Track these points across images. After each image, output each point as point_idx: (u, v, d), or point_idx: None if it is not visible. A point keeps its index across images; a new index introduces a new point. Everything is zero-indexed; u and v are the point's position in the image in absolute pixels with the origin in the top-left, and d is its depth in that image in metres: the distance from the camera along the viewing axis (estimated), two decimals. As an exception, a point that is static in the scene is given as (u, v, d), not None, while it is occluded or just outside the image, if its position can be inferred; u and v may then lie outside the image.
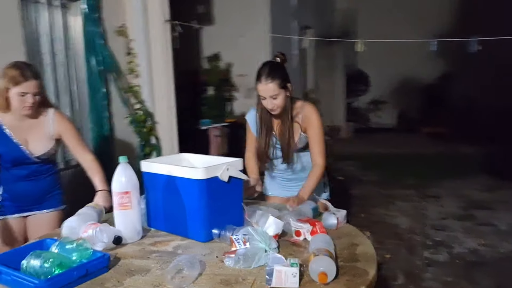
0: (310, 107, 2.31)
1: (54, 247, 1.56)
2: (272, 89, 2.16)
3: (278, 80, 2.16)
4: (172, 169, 1.82)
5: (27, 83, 2.04)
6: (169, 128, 4.23)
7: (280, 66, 2.26)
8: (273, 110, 2.24)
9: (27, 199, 2.25)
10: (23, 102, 2.06)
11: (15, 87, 2.03)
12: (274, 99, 2.19)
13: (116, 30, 3.95)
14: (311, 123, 2.28)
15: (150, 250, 1.72)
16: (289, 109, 2.26)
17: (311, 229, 1.76)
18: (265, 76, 2.17)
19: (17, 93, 2.04)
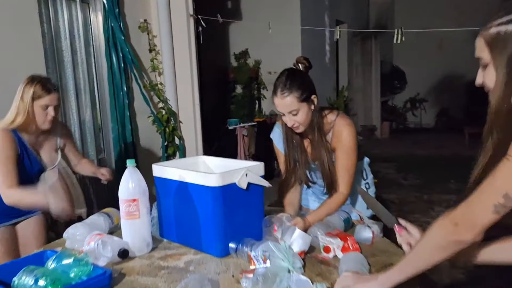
0: (343, 121, 1.88)
1: (51, 262, 1.39)
2: (290, 103, 1.76)
3: (297, 92, 1.76)
4: (184, 174, 1.63)
5: (50, 96, 2.04)
6: (193, 128, 4.08)
7: (301, 75, 1.84)
8: (295, 128, 1.85)
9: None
10: (45, 115, 2.05)
11: (37, 100, 2.02)
12: (294, 115, 1.79)
13: (138, 26, 3.82)
14: (341, 141, 1.87)
15: (160, 265, 1.54)
16: (316, 125, 1.85)
17: (342, 244, 1.53)
18: (281, 88, 1.77)
19: (39, 106, 2.03)
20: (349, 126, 1.88)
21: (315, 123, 1.85)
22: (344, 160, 1.87)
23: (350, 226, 1.80)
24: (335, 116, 1.90)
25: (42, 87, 2.02)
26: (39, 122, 2.06)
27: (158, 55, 3.95)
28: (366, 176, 2.15)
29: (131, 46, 3.71)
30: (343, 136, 1.86)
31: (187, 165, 1.80)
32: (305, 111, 1.80)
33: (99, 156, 3.65)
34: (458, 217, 1.05)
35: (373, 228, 1.67)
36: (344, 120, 1.88)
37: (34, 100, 2.01)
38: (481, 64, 1.06)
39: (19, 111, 2.00)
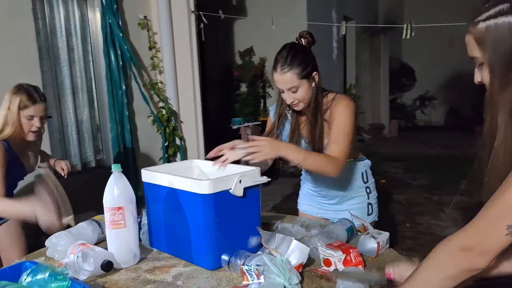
0: (341, 99, 1.76)
1: (25, 276, 1.29)
2: (290, 79, 1.68)
3: (298, 68, 1.67)
4: (174, 180, 1.51)
5: (35, 106, 2.01)
6: (194, 127, 3.98)
7: (304, 50, 1.74)
8: (294, 106, 1.76)
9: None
10: (30, 126, 2.02)
11: (23, 110, 1.99)
12: (294, 92, 1.71)
13: (138, 22, 3.72)
14: (337, 114, 1.73)
15: (146, 279, 1.42)
16: (314, 104, 1.74)
17: (344, 257, 1.40)
18: (281, 63, 1.69)
19: (24, 117, 2.00)
20: (347, 102, 1.75)
21: (313, 101, 1.74)
22: (336, 135, 1.70)
23: (354, 236, 1.67)
24: (334, 94, 1.80)
25: (28, 97, 1.99)
26: (25, 133, 2.03)
27: (159, 53, 3.85)
28: (366, 180, 2.00)
29: (130, 43, 3.61)
30: (338, 110, 1.73)
31: (179, 170, 1.69)
32: (306, 88, 1.71)
33: (97, 157, 3.56)
34: (468, 243, 0.92)
35: (378, 239, 1.54)
36: (343, 98, 1.77)
37: (19, 110, 1.98)
38: (476, 63, 0.94)
39: (7, 121, 1.97)
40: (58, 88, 3.23)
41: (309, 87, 1.72)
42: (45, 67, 3.10)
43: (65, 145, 3.31)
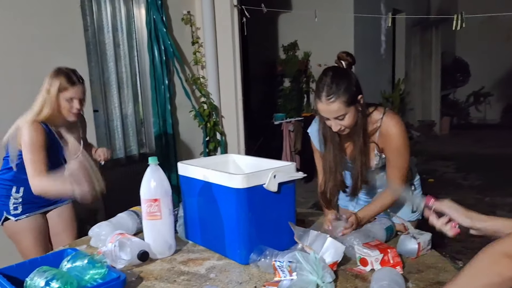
0: (389, 120, 1.71)
1: (66, 262, 1.33)
2: (337, 109, 1.59)
3: (344, 97, 1.58)
4: (208, 174, 1.51)
5: (74, 88, 2.04)
6: (235, 123, 3.98)
7: (346, 75, 1.64)
8: (341, 132, 1.68)
9: None
10: (70, 108, 2.05)
11: (63, 92, 2.02)
12: (341, 120, 1.63)
13: (181, 17, 3.76)
14: (389, 141, 1.70)
15: (180, 270, 1.44)
16: (360, 127, 1.69)
17: (382, 257, 1.34)
18: (326, 92, 1.58)
19: (65, 99, 2.03)
20: (398, 124, 1.70)
21: (359, 124, 1.68)
22: (395, 160, 1.73)
23: (393, 236, 1.60)
24: (381, 114, 1.72)
25: (67, 80, 2.01)
26: (65, 114, 2.06)
27: (201, 48, 3.87)
28: (411, 176, 1.93)
29: (173, 38, 3.66)
30: (392, 136, 1.70)
31: (215, 164, 1.69)
32: (352, 114, 1.63)
33: (141, 150, 3.65)
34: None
35: (419, 239, 1.46)
36: (392, 119, 1.71)
37: (59, 92, 2.01)
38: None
39: (46, 103, 2.01)
40: (105, 83, 3.33)
41: (355, 112, 1.64)
42: (92, 63, 3.20)
43: (110, 138, 3.41)
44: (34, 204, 2.16)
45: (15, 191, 2.12)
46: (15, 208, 2.12)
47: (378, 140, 1.73)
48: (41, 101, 2.01)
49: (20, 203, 2.12)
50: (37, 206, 2.18)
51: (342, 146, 1.79)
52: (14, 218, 2.12)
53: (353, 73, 1.68)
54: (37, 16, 2.75)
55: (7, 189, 2.12)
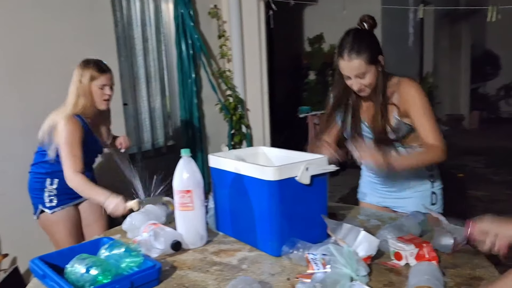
0: (408, 82, 1.74)
1: (103, 250, 1.37)
2: (358, 66, 1.65)
3: (365, 54, 1.64)
4: (240, 166, 1.51)
5: (105, 75, 2.12)
6: (261, 116, 3.98)
7: (368, 34, 1.72)
8: (361, 91, 1.73)
9: None
10: (102, 95, 2.13)
11: (94, 81, 2.10)
12: (361, 79, 1.68)
13: (208, 11, 3.78)
14: (412, 100, 1.70)
15: (212, 260, 1.45)
16: (381, 88, 1.72)
17: (417, 252, 1.32)
18: (348, 49, 1.65)
19: (97, 86, 2.10)
20: (416, 85, 1.75)
21: (379, 85, 1.72)
22: (423, 115, 1.70)
23: (427, 231, 1.57)
24: (398, 78, 1.77)
25: (97, 68, 2.10)
26: (98, 103, 2.14)
27: (227, 42, 3.88)
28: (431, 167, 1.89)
29: (200, 32, 3.68)
30: (412, 94, 1.72)
31: (245, 156, 1.70)
32: (373, 73, 1.69)
33: (168, 143, 3.69)
34: None
35: (455, 234, 1.43)
36: (409, 80, 1.76)
37: (91, 81, 2.09)
38: None
39: (79, 93, 2.08)
40: (134, 77, 3.38)
41: (376, 71, 1.69)
42: (122, 57, 3.25)
43: (139, 131, 3.46)
44: (67, 195, 2.22)
45: (49, 183, 2.18)
46: (50, 200, 2.18)
47: (399, 102, 1.74)
48: (75, 93, 2.08)
49: (54, 195, 2.19)
50: (70, 197, 2.24)
51: (358, 110, 1.84)
52: (50, 211, 2.19)
53: (374, 35, 1.73)
54: (70, 13, 2.81)
55: (41, 182, 2.19)
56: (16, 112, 2.58)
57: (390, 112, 1.76)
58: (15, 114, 2.57)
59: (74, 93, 2.08)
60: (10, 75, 2.56)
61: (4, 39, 2.52)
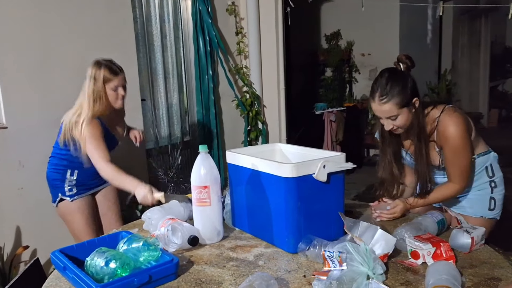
0: (447, 119, 1.69)
1: (122, 244, 1.39)
2: (389, 110, 1.64)
3: (396, 99, 1.62)
4: (257, 162, 1.52)
5: (117, 77, 2.15)
6: (277, 112, 3.98)
7: (403, 77, 1.66)
8: (394, 131, 1.73)
9: (98, 179, 2.30)
10: (117, 96, 2.17)
11: (108, 83, 2.13)
12: (393, 120, 1.67)
13: (226, 8, 3.78)
14: (446, 140, 1.69)
15: (229, 256, 1.47)
16: (420, 127, 1.70)
17: (434, 251, 1.32)
18: (380, 92, 1.63)
19: (111, 89, 2.15)
20: (456, 121, 1.68)
21: (416, 125, 1.70)
22: (453, 158, 1.71)
23: (444, 230, 1.57)
24: (439, 112, 1.71)
25: (109, 71, 2.13)
26: (112, 102, 2.17)
27: (245, 38, 3.89)
28: (492, 174, 1.87)
29: (218, 29, 3.69)
30: (449, 133, 1.68)
31: (262, 153, 1.71)
32: (406, 115, 1.66)
33: (184, 139, 3.72)
34: None
35: (472, 234, 1.43)
36: (449, 116, 1.69)
37: (104, 83, 2.12)
38: None
39: (95, 97, 2.12)
40: (152, 73, 3.41)
41: (409, 113, 1.67)
42: (141, 53, 3.28)
43: (156, 126, 3.49)
44: (86, 185, 2.30)
45: (70, 174, 2.24)
46: (70, 189, 2.25)
47: (437, 138, 1.72)
48: (92, 97, 2.11)
49: (74, 185, 2.26)
50: (88, 187, 2.32)
51: (399, 142, 1.83)
52: (70, 199, 2.25)
53: (410, 76, 1.69)
54: (91, 9, 2.84)
55: (62, 173, 2.25)
56: (34, 106, 2.62)
57: (432, 148, 1.76)
58: (33, 109, 2.61)
59: (90, 97, 2.11)
60: (31, 71, 2.60)
61: (26, 36, 2.56)
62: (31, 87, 2.60)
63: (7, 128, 2.51)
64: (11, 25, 2.50)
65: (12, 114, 2.53)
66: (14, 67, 2.53)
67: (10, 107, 2.53)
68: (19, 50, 2.54)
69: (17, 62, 2.54)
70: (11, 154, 2.54)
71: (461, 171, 1.72)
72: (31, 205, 2.60)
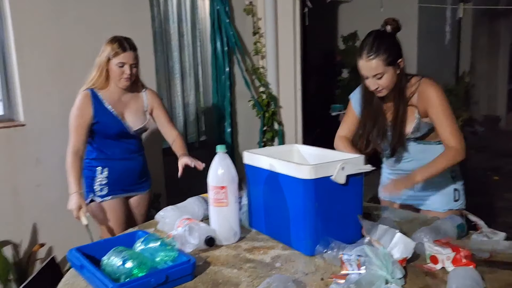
0: (427, 82, 1.78)
1: (139, 243, 1.40)
2: (375, 66, 1.69)
3: (383, 55, 1.68)
4: (275, 163, 1.52)
5: (125, 53, 2.09)
6: (293, 113, 3.97)
7: (389, 36, 1.75)
8: (378, 92, 1.77)
9: (130, 178, 2.28)
10: (121, 73, 2.10)
11: (114, 58, 2.08)
12: (378, 79, 1.72)
13: (243, 8, 3.79)
14: (430, 100, 1.75)
15: (246, 257, 1.46)
16: (401, 89, 1.77)
17: (453, 256, 1.30)
18: (367, 50, 1.69)
19: (116, 64, 2.08)
20: (436, 85, 1.78)
21: (398, 87, 1.77)
22: (444, 118, 1.75)
23: (464, 234, 1.54)
24: (418, 78, 1.81)
25: (118, 45, 2.08)
26: (115, 80, 2.11)
27: (262, 38, 3.88)
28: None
29: (235, 29, 3.69)
30: (431, 95, 1.75)
31: (280, 154, 1.69)
32: (390, 74, 1.72)
33: (200, 138, 3.73)
34: None
35: (492, 239, 1.40)
36: (429, 80, 1.79)
37: (111, 58, 2.08)
38: None
39: (96, 68, 2.09)
40: (169, 72, 3.43)
41: (394, 73, 1.73)
42: (158, 52, 3.30)
43: (173, 126, 3.51)
44: (119, 186, 2.24)
45: (100, 172, 2.20)
46: (101, 189, 2.20)
47: (418, 102, 1.78)
48: (95, 67, 2.10)
49: (105, 184, 2.20)
50: (121, 187, 2.25)
51: (380, 109, 1.85)
52: (100, 199, 2.21)
53: (396, 38, 1.75)
54: (109, 8, 2.86)
55: (92, 171, 2.20)
56: (52, 104, 2.64)
57: (411, 113, 1.80)
58: (51, 107, 2.64)
59: (95, 67, 2.09)
60: (50, 69, 2.63)
61: (45, 34, 2.60)
62: (50, 85, 2.64)
63: (25, 125, 2.54)
64: (30, 24, 2.53)
65: (31, 112, 2.57)
66: (33, 66, 2.56)
67: (29, 105, 2.56)
68: (38, 48, 2.57)
69: (36, 61, 2.57)
70: (29, 151, 2.57)
71: (455, 130, 1.75)
72: (48, 203, 2.63)
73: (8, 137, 2.48)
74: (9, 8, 2.46)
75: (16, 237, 2.52)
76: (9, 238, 2.51)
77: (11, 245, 2.51)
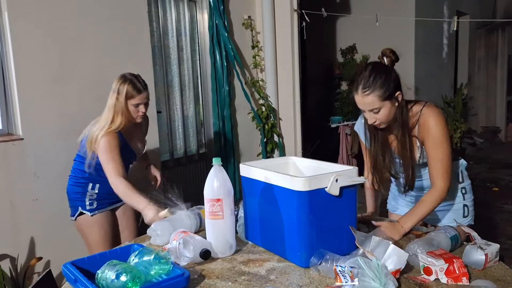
0: (428, 111, 1.72)
1: (133, 257, 1.40)
2: (371, 102, 1.64)
3: (379, 91, 1.63)
4: (270, 175, 1.53)
5: (140, 95, 2.17)
6: (292, 125, 3.99)
7: (386, 70, 1.68)
8: (376, 125, 1.74)
9: None
10: (137, 112, 2.19)
11: (130, 99, 2.16)
12: (376, 113, 1.68)
13: (242, 22, 3.84)
14: (429, 131, 1.70)
15: (241, 270, 1.46)
16: (400, 122, 1.72)
17: (447, 267, 1.30)
18: (362, 85, 1.64)
19: (132, 105, 2.17)
20: (436, 114, 1.71)
21: (399, 119, 1.72)
22: (435, 151, 1.71)
23: (458, 246, 1.54)
24: (421, 106, 1.74)
25: (133, 87, 2.15)
26: (130, 117, 2.19)
27: (261, 52, 3.93)
28: (462, 180, 1.91)
29: (234, 43, 3.74)
30: (430, 125, 1.70)
31: (275, 166, 1.71)
32: (387, 109, 1.67)
33: (200, 151, 3.75)
34: None
35: (486, 250, 1.40)
36: (430, 110, 1.72)
37: (127, 99, 2.15)
38: None
39: (117, 111, 2.14)
40: (168, 85, 3.46)
41: (391, 107, 1.68)
42: (157, 66, 3.33)
43: (172, 139, 3.53)
44: (107, 200, 2.30)
45: (91, 188, 2.26)
46: (91, 203, 2.26)
47: (418, 132, 1.74)
48: (113, 110, 2.15)
49: (95, 199, 2.26)
50: (109, 202, 2.32)
51: (386, 140, 1.83)
52: (90, 213, 2.26)
53: (394, 70, 1.71)
54: (108, 22, 2.89)
55: (83, 186, 2.26)
56: (51, 118, 2.64)
57: (415, 143, 1.77)
58: (50, 121, 2.64)
59: (112, 109, 2.14)
60: (48, 83, 2.62)
61: (43, 48, 2.60)
62: (48, 99, 2.63)
63: (23, 139, 2.54)
64: (29, 38, 2.54)
65: (29, 126, 2.56)
66: (31, 79, 2.56)
67: (27, 119, 2.56)
68: (36, 62, 2.57)
69: (34, 74, 2.57)
70: (27, 165, 2.56)
71: (444, 167, 1.70)
72: (45, 216, 2.62)
73: (6, 151, 2.48)
74: (8, 23, 2.46)
75: (14, 251, 2.50)
76: (6, 251, 2.50)
77: (8, 258, 2.50)
